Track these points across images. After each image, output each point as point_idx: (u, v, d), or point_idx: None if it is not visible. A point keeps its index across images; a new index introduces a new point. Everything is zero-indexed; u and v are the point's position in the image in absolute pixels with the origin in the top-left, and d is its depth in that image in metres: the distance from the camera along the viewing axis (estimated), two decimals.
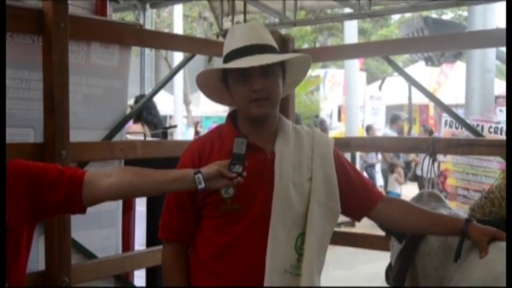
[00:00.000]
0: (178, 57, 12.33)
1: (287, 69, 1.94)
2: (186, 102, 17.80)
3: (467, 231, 1.93)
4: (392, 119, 10.33)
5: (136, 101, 4.88)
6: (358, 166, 12.89)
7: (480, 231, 1.93)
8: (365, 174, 10.33)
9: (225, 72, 1.90)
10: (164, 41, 3.26)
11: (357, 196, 2.02)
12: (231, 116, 2.00)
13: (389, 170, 9.16)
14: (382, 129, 12.97)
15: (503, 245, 1.89)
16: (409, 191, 9.83)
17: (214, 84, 1.96)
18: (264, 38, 1.90)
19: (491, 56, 5.99)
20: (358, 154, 11.89)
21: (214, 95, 2.02)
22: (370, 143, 3.70)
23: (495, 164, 4.97)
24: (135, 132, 4.69)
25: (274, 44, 1.93)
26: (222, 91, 1.96)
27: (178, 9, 16.24)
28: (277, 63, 1.87)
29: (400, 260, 2.27)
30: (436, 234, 2.14)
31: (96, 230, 2.81)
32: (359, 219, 2.10)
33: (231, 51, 1.87)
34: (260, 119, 1.90)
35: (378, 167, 11.15)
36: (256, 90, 1.83)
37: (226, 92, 1.94)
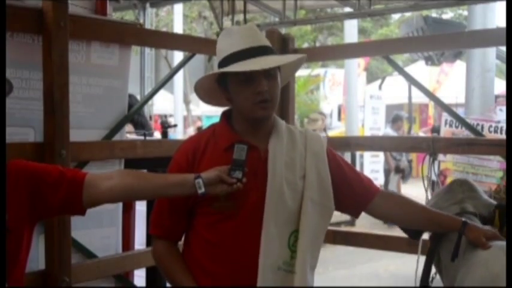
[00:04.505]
0: (178, 56, 12.32)
1: (280, 69, 1.95)
2: (186, 102, 17.78)
3: (464, 233, 1.99)
4: (394, 119, 10.33)
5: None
6: (358, 166, 12.89)
7: (477, 232, 1.99)
8: None
9: (223, 74, 1.90)
10: (164, 40, 3.26)
11: (353, 192, 2.04)
12: (226, 115, 2.00)
13: (395, 171, 9.19)
14: (382, 129, 12.96)
15: (502, 244, 1.94)
16: (408, 190, 9.84)
17: (209, 86, 1.97)
18: (262, 39, 1.93)
19: (491, 55, 5.98)
20: (358, 154, 11.89)
21: (206, 96, 2.03)
22: (371, 143, 3.69)
23: (495, 164, 4.95)
24: (129, 132, 4.68)
25: (270, 44, 1.95)
26: (215, 92, 1.98)
27: (178, 8, 16.22)
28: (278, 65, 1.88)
29: (426, 258, 2.24)
30: (434, 231, 2.18)
31: (96, 229, 2.81)
32: (357, 216, 2.14)
33: (232, 53, 1.87)
34: (261, 121, 1.91)
35: None
36: (262, 92, 1.84)
37: (220, 93, 1.95)
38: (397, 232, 3.19)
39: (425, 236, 2.30)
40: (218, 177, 1.76)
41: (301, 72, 16.16)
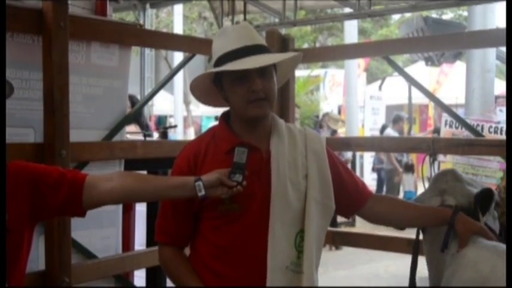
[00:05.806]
0: (178, 57, 12.32)
1: (277, 67, 1.95)
2: (186, 102, 17.76)
3: (454, 223, 2.00)
4: (395, 119, 10.34)
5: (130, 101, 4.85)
6: (358, 166, 12.89)
7: (466, 226, 1.99)
8: None
9: (218, 73, 1.90)
10: (164, 40, 3.26)
11: (347, 194, 2.05)
12: (224, 117, 2.00)
13: (406, 170, 9.22)
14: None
15: (490, 244, 1.95)
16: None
17: (205, 86, 1.97)
18: (257, 38, 1.92)
19: (491, 56, 5.98)
20: (358, 154, 11.87)
21: (203, 97, 2.03)
22: (371, 143, 3.69)
23: (495, 164, 4.96)
24: (131, 132, 4.69)
25: (265, 43, 1.95)
26: (212, 93, 1.97)
27: (178, 9, 16.22)
28: (271, 63, 1.88)
29: (412, 256, 2.25)
30: (426, 226, 2.19)
31: (96, 230, 2.81)
32: (348, 217, 2.17)
33: (227, 53, 1.87)
34: (257, 120, 1.91)
35: None
36: (255, 91, 1.84)
37: (217, 93, 1.95)
38: (397, 233, 3.19)
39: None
40: (218, 180, 1.76)
41: (301, 73, 16.16)
